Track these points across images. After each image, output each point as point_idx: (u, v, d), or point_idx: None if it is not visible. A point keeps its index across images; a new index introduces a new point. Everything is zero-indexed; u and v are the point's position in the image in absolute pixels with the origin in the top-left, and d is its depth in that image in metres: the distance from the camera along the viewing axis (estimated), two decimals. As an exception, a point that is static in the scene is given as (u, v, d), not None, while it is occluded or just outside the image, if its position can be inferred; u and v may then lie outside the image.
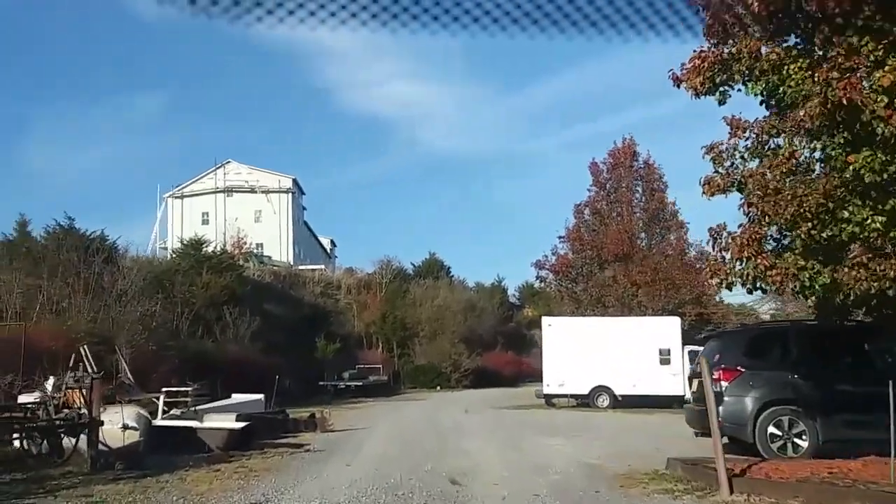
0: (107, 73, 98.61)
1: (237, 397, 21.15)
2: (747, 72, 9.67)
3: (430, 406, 32.68)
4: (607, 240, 34.49)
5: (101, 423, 12.22)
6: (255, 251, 61.42)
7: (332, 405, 34.46)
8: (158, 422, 15.47)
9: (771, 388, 12.58)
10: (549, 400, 30.18)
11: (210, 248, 45.61)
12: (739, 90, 10.03)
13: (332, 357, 47.15)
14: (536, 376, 62.91)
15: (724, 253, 10.24)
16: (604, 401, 29.03)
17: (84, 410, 12.41)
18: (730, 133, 10.68)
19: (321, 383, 43.18)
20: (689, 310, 32.22)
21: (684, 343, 29.02)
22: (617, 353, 28.66)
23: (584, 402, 29.22)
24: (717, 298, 34.27)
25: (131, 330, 28.57)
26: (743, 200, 10.19)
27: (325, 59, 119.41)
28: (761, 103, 10.13)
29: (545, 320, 30.56)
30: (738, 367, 12.95)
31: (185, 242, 47.11)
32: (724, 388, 12.74)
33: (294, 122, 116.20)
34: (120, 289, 29.57)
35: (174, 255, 45.63)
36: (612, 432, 18.72)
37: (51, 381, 16.38)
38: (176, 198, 70.31)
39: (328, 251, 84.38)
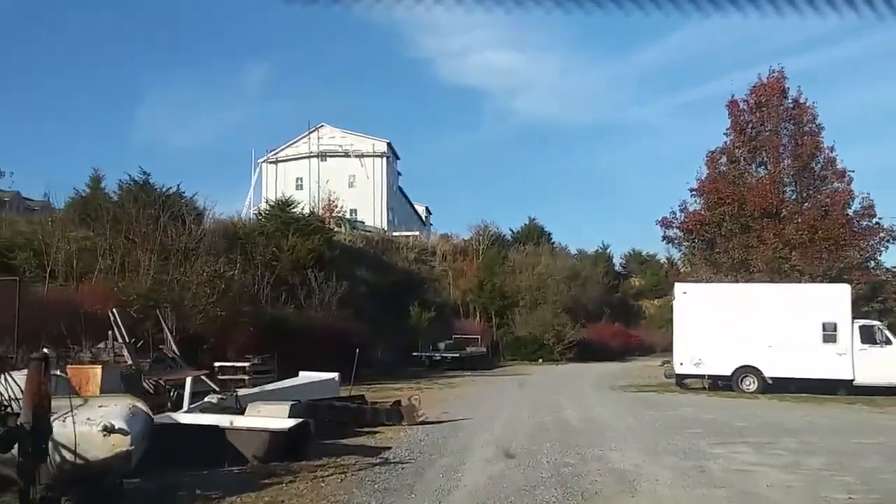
0: (210, 42, 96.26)
1: (306, 376, 16.24)
2: None
3: (539, 384, 27.32)
4: (750, 192, 28.00)
5: (48, 431, 7.28)
6: (347, 216, 56.95)
7: (426, 379, 29.81)
8: (178, 416, 10.58)
9: None
10: (681, 381, 24.36)
11: (298, 210, 41.19)
12: None
13: (427, 326, 42.32)
14: (645, 350, 57.19)
15: None
16: (750, 384, 22.97)
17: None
18: None
19: (415, 354, 38.48)
20: (857, 276, 25.53)
21: (854, 317, 22.79)
22: (768, 326, 22.55)
23: (726, 384, 23.30)
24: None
25: (198, 293, 24.26)
26: None
27: (422, 29, 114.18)
28: None
29: (678, 287, 24.56)
30: None
31: (272, 204, 42.89)
32: None
33: (389, 93, 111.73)
34: (186, 247, 25.14)
35: (260, 217, 41.34)
36: (805, 436, 12.89)
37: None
38: (270, 163, 66.71)
39: (423, 218, 79.55)
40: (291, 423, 9.98)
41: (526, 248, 56.70)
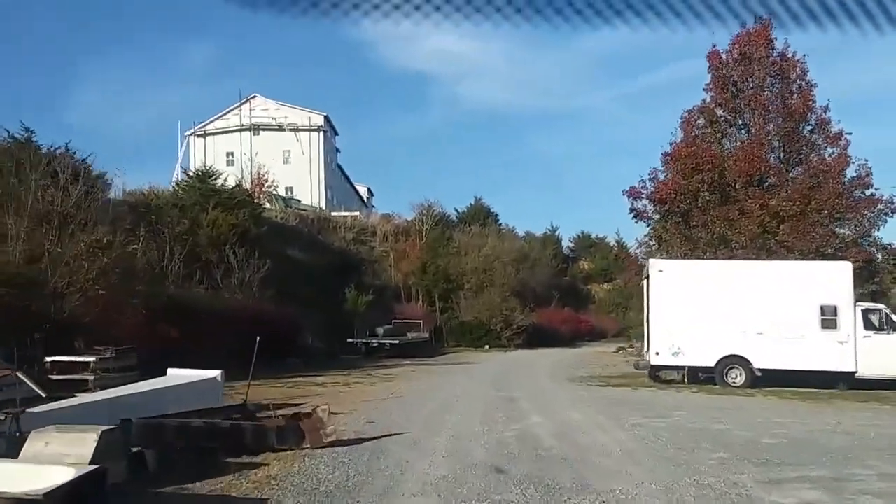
0: (148, 19, 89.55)
1: (175, 376, 11.62)
2: None
3: (490, 375, 23.19)
4: (732, 157, 24.08)
5: None
6: (278, 192, 51.62)
7: (359, 369, 25.57)
8: None
9: None
10: (655, 373, 20.44)
11: (221, 181, 36.07)
12: None
13: (364, 310, 37.81)
14: (595, 336, 53.57)
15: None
16: (736, 376, 19.23)
17: None
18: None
19: (350, 341, 33.95)
20: (854, 254, 21.84)
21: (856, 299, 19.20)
22: (758, 310, 18.98)
23: (707, 376, 19.46)
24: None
25: (76, 268, 19.42)
26: None
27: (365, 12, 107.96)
28: None
29: (653, 264, 20.50)
30: None
31: (191, 174, 37.70)
32: None
33: (332, 76, 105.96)
34: (62, 212, 20.16)
35: (177, 188, 36.14)
36: (873, 461, 8.94)
37: None
38: (198, 136, 60.83)
39: (365, 200, 74.55)
40: (65, 476, 5.43)
41: (472, 229, 52.47)
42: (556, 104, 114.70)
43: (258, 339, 13.18)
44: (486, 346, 41.23)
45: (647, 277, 20.48)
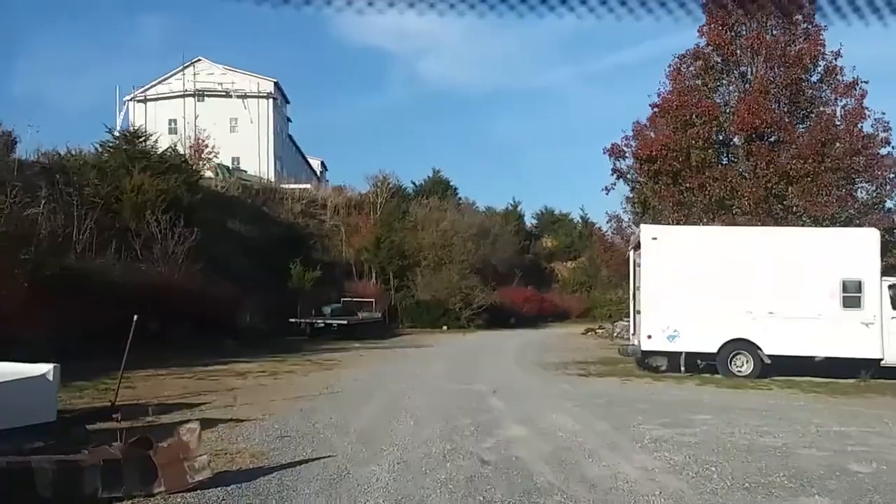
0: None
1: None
2: None
3: (450, 361, 19.74)
4: (731, 108, 20.73)
5: None
6: (220, 160, 47.15)
7: (298, 353, 22.03)
8: None
9: None
10: (646, 359, 17.11)
11: (151, 143, 31.81)
12: None
13: (311, 287, 34.13)
14: (559, 316, 50.48)
15: None
16: (743, 364, 16.02)
17: None
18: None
19: (292, 320, 30.22)
20: (876, 220, 18.70)
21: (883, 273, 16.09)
22: (768, 286, 15.72)
23: (709, 363, 16.17)
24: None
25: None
26: None
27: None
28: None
29: (646, 230, 16.97)
30: None
31: (116, 135, 33.28)
32: None
33: (286, 47, 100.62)
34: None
35: (100, 149, 31.68)
36: None
37: None
38: (139, 101, 55.94)
39: (318, 173, 70.20)
40: None
41: (429, 202, 48.84)
42: (517, 82, 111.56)
43: (135, 317, 9.56)
44: (444, 327, 38.09)
45: (637, 247, 17.12)
